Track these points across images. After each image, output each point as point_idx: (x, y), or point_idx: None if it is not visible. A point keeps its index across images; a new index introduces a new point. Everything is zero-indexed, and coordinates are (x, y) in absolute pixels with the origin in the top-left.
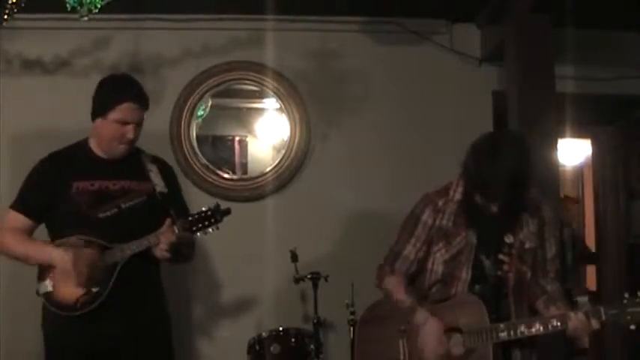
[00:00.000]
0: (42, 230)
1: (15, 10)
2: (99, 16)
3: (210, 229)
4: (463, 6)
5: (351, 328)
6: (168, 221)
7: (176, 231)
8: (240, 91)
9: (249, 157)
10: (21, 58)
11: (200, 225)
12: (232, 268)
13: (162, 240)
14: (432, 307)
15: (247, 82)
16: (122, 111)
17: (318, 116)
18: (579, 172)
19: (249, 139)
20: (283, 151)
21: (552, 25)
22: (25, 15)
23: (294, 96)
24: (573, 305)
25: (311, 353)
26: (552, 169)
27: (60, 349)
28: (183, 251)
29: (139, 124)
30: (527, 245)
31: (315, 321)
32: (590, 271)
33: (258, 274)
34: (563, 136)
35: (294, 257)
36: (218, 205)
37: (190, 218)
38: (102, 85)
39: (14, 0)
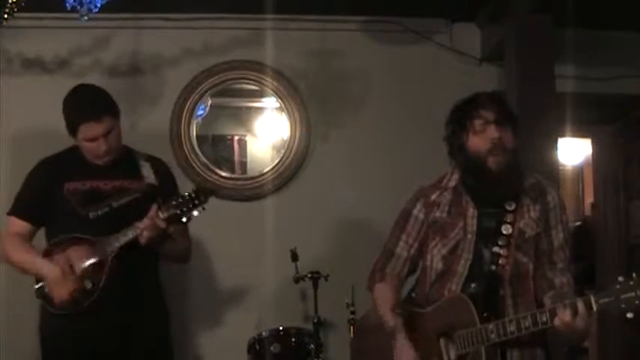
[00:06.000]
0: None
1: (15, 9)
2: (99, 15)
3: (195, 212)
4: (463, 5)
5: (351, 328)
6: (154, 207)
7: (161, 215)
8: (240, 91)
9: (249, 157)
10: (21, 57)
11: (185, 208)
12: (232, 268)
13: (147, 224)
14: (422, 313)
15: (247, 81)
16: (83, 132)
17: (317, 115)
18: (579, 171)
19: (249, 139)
20: (283, 151)
21: (552, 24)
22: (25, 14)
23: (293, 95)
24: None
25: (311, 353)
26: (552, 168)
27: (57, 351)
28: (170, 246)
29: (106, 134)
30: (527, 234)
31: (315, 320)
32: None
33: (258, 274)
34: (563, 135)
35: (295, 257)
36: (200, 185)
37: (174, 202)
38: (64, 105)
39: None
